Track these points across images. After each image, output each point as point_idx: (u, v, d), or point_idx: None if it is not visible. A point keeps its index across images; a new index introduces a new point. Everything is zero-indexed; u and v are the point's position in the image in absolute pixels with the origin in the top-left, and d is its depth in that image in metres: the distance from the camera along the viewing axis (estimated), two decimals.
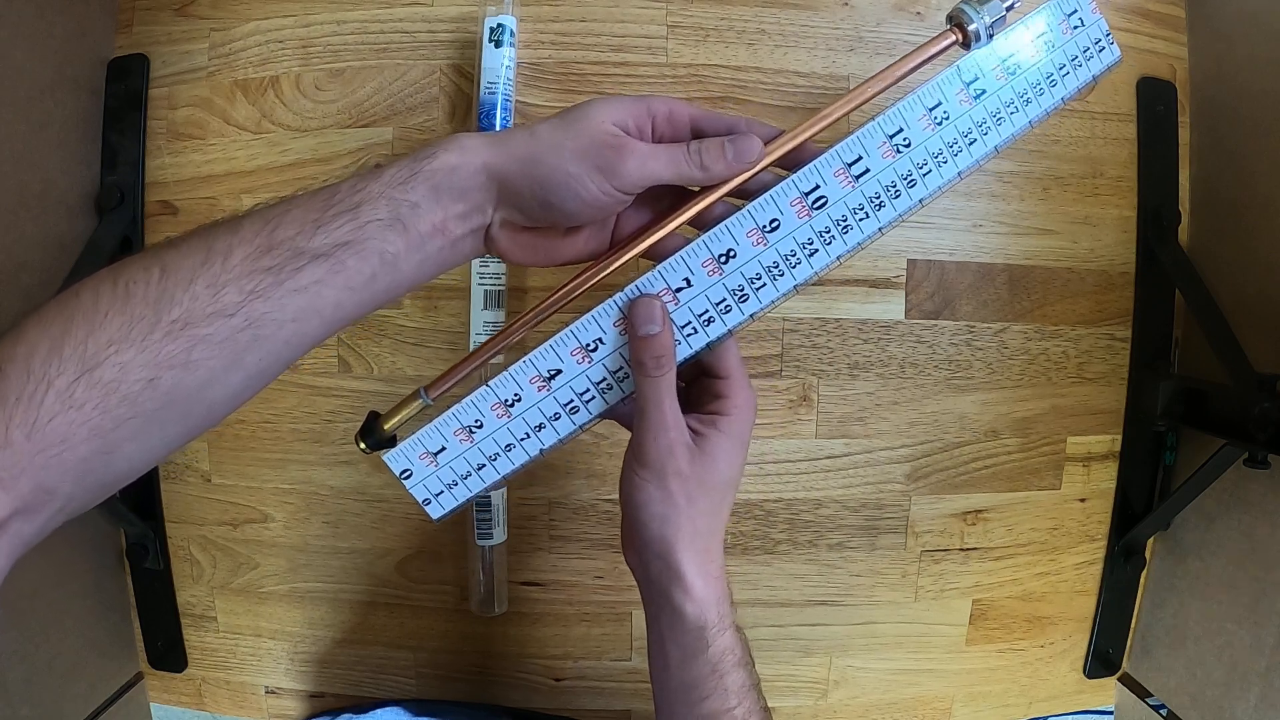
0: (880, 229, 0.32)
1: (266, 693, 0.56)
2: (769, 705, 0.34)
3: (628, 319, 0.31)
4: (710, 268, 0.32)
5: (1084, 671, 0.57)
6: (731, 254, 0.31)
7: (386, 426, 0.33)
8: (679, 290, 0.32)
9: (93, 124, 0.51)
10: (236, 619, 0.55)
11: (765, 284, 0.32)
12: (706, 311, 0.32)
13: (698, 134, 0.31)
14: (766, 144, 0.31)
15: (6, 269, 0.44)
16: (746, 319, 0.32)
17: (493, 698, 0.55)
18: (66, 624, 0.49)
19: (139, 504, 0.53)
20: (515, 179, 0.29)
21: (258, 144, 0.51)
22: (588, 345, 0.32)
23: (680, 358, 0.32)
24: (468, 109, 0.49)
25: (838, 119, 0.32)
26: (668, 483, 0.31)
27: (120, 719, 0.53)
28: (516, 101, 0.48)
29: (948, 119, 0.32)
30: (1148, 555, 0.55)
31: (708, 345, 0.33)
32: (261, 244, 0.26)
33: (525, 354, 0.32)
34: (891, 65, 0.32)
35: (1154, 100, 0.52)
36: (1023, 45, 0.32)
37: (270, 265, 0.26)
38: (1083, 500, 0.55)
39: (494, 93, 0.46)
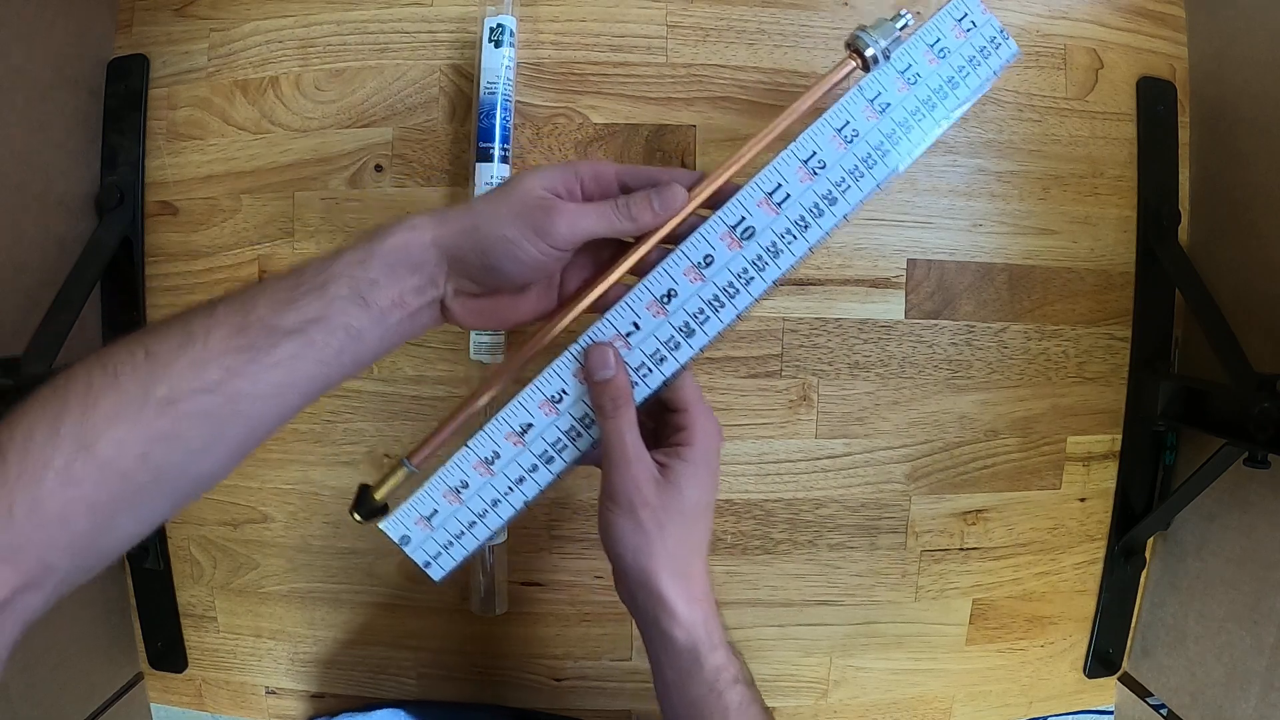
0: (810, 248, 0.34)
1: (267, 693, 0.56)
2: (770, 706, 0.34)
3: (584, 367, 0.33)
4: (655, 309, 0.33)
5: (1084, 671, 0.57)
6: (673, 294, 0.33)
7: (377, 496, 0.35)
8: (629, 334, 0.34)
9: (93, 124, 0.51)
10: (236, 619, 0.55)
11: (709, 317, 0.34)
12: (657, 351, 0.34)
13: (625, 189, 0.33)
14: (689, 189, 0.33)
15: (6, 269, 0.44)
16: (696, 352, 0.34)
17: (493, 698, 0.55)
18: (67, 624, 0.49)
19: None
20: (460, 249, 0.31)
21: (258, 144, 0.51)
22: (552, 397, 0.34)
23: (639, 398, 0.34)
24: (468, 109, 0.49)
25: (753, 157, 0.34)
26: (638, 514, 0.32)
27: (120, 719, 0.53)
28: (516, 102, 0.48)
29: (857, 135, 0.33)
30: (1148, 555, 0.55)
31: (664, 383, 0.34)
32: (237, 324, 0.28)
33: (498, 411, 0.34)
34: (798, 99, 0.34)
35: (1154, 100, 0.52)
36: (919, 55, 0.33)
37: (247, 344, 0.28)
38: (1083, 500, 0.55)
39: (494, 93, 0.46)
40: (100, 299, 0.52)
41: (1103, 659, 0.57)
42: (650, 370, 0.34)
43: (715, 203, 0.34)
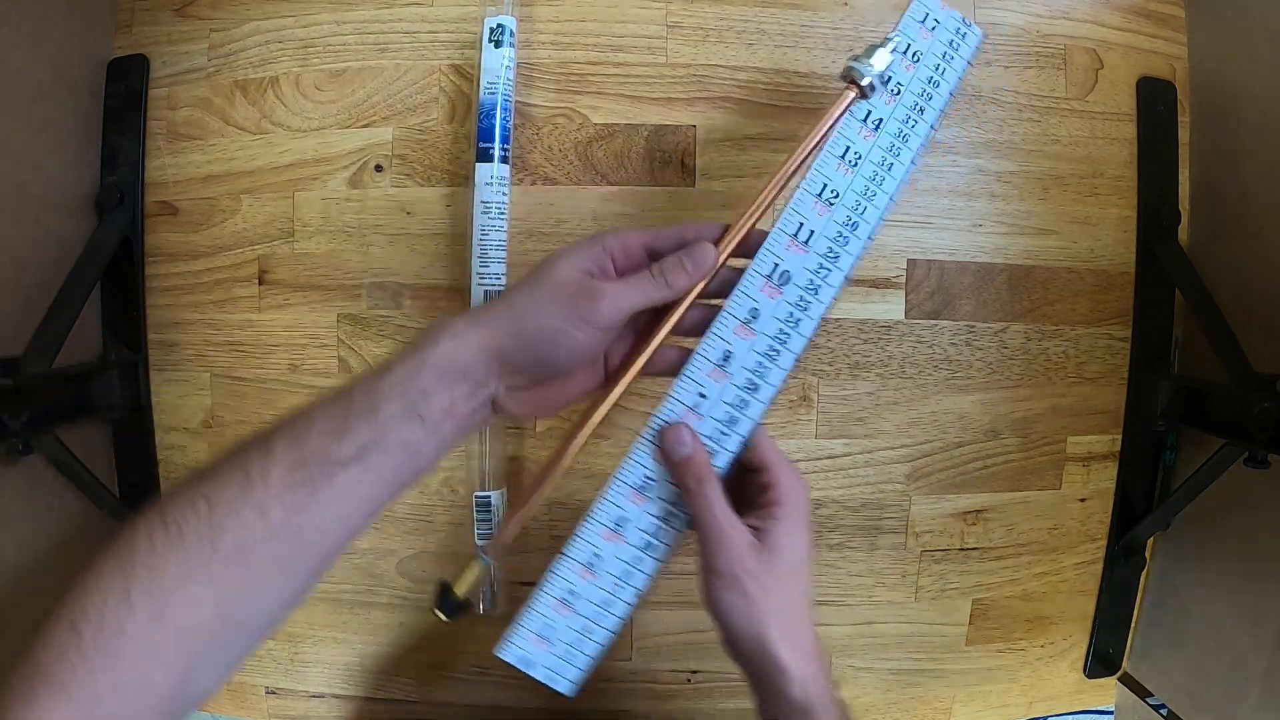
0: (845, 276, 0.34)
1: (267, 693, 0.55)
2: None
3: (661, 450, 0.34)
4: (716, 375, 0.34)
5: (1084, 671, 0.57)
6: (729, 355, 0.34)
7: (458, 592, 0.35)
8: (696, 405, 0.34)
9: (93, 124, 0.51)
10: None
11: (769, 368, 0.34)
12: (727, 413, 0.34)
13: (653, 255, 0.34)
14: (715, 242, 0.34)
15: (6, 269, 0.44)
16: (765, 405, 0.34)
17: (493, 698, 0.55)
18: None
19: (139, 504, 0.52)
20: (509, 349, 0.31)
21: (257, 144, 0.51)
22: (638, 486, 0.34)
23: (722, 464, 0.34)
24: (468, 109, 0.49)
25: (772, 200, 0.35)
26: (742, 583, 0.32)
27: None
28: (516, 102, 0.48)
29: (860, 157, 0.35)
30: (1148, 555, 0.55)
31: (742, 443, 0.34)
32: (294, 459, 0.28)
33: (587, 512, 0.34)
34: (806, 136, 0.34)
35: (1154, 100, 0.52)
36: (896, 65, 0.35)
37: (306, 478, 0.27)
38: (1083, 500, 0.55)
39: (494, 93, 0.46)
40: (100, 299, 0.52)
41: (1103, 659, 0.57)
42: (726, 434, 0.34)
43: (744, 251, 0.35)
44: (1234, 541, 0.49)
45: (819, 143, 0.34)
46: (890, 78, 0.34)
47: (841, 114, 0.34)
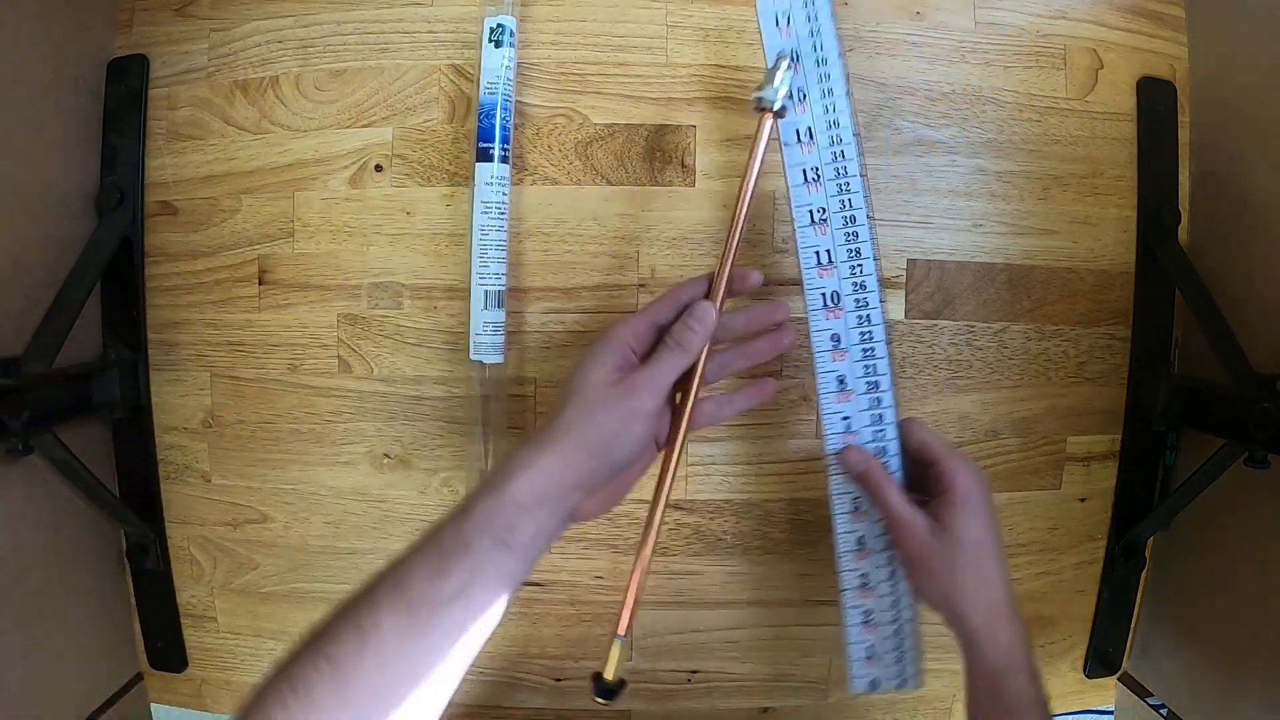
0: (875, 260, 0.39)
1: None
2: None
3: (846, 473, 0.40)
4: (843, 398, 0.40)
5: (1084, 671, 0.57)
6: (842, 379, 0.40)
7: (611, 678, 0.37)
8: (848, 429, 0.40)
9: (93, 124, 0.51)
10: (236, 619, 0.55)
11: (874, 363, 0.40)
12: (872, 417, 0.40)
13: (661, 328, 0.37)
14: (707, 295, 0.37)
15: (6, 269, 0.44)
16: (893, 393, 0.40)
17: (493, 698, 0.55)
18: (66, 624, 0.49)
19: (139, 504, 0.53)
20: (582, 465, 0.33)
21: (257, 144, 0.51)
22: (852, 510, 0.41)
23: (893, 454, 0.40)
24: (467, 109, 0.49)
25: (737, 245, 0.37)
26: (929, 564, 0.37)
27: (120, 719, 0.53)
28: (516, 102, 0.48)
29: (819, 166, 0.38)
30: (1148, 555, 0.55)
31: (896, 433, 0.40)
32: (401, 606, 0.29)
33: (835, 549, 0.41)
34: (747, 172, 0.37)
35: (1154, 100, 0.52)
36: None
37: (416, 623, 0.29)
38: (1083, 500, 0.55)
39: (494, 93, 0.46)
40: (100, 299, 0.52)
41: (1103, 659, 0.57)
42: (881, 430, 0.40)
43: (736, 289, 0.38)
44: (1234, 541, 0.49)
45: (759, 171, 0.37)
46: (775, 69, 0.37)
47: (766, 140, 0.37)
